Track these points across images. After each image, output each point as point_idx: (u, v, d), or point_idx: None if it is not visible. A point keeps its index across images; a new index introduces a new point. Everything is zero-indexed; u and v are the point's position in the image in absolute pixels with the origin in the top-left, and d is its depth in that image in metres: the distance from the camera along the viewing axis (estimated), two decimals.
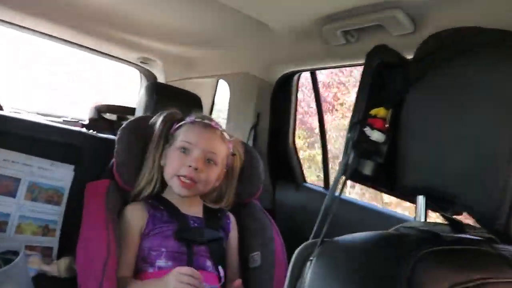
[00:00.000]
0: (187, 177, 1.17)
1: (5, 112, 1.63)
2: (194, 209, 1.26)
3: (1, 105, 1.82)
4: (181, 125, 1.27)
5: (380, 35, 1.20)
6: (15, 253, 1.08)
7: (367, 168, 0.69)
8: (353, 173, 0.67)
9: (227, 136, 1.29)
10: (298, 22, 1.35)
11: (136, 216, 1.19)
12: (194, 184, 1.18)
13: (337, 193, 0.67)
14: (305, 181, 1.87)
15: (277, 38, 1.52)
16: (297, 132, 1.93)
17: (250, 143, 1.88)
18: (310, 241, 0.64)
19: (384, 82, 0.70)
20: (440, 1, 1.05)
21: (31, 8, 1.84)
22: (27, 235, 1.31)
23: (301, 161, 1.91)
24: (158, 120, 1.30)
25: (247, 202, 1.40)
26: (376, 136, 0.67)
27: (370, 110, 0.69)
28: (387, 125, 0.67)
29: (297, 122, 1.90)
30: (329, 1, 1.19)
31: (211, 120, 1.29)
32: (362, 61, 1.42)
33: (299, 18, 1.32)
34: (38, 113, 2.34)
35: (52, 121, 1.74)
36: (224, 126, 1.35)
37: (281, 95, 1.84)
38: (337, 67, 1.56)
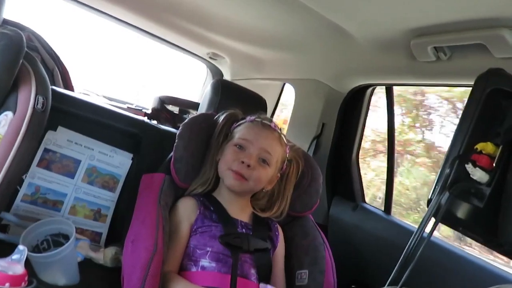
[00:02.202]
0: (238, 172, 1.17)
1: (75, 94, 1.67)
2: (243, 214, 1.24)
3: (73, 85, 1.87)
4: (240, 123, 1.27)
5: (479, 55, 1.08)
6: (66, 237, 1.08)
7: (462, 211, 0.58)
8: (444, 215, 0.57)
9: (285, 141, 1.26)
10: (384, 33, 1.26)
11: (188, 209, 1.19)
12: (245, 181, 1.17)
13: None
14: (364, 201, 1.75)
15: (357, 47, 1.43)
16: None
17: (311, 153, 1.80)
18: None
19: (495, 112, 0.59)
20: None
21: None
22: (79, 217, 1.32)
23: None
24: (220, 118, 1.30)
25: (301, 215, 1.33)
26: (479, 175, 0.57)
27: (474, 144, 0.58)
28: (494, 164, 0.57)
29: None
30: (422, 13, 1.09)
31: (271, 121, 1.27)
32: (451, 82, 1.31)
33: (386, 29, 1.23)
34: (105, 97, 2.41)
35: (117, 106, 1.76)
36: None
37: (352, 107, 1.74)
38: (420, 85, 1.43)
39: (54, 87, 1.31)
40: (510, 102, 0.59)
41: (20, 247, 0.84)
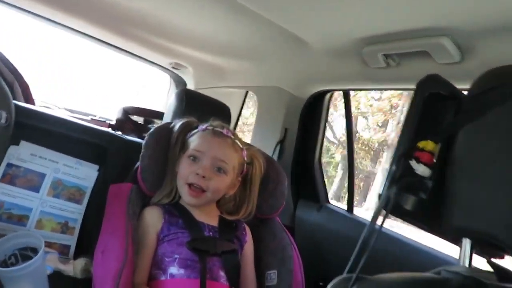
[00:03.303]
0: (195, 185, 1.16)
1: (37, 107, 1.65)
2: (210, 218, 1.24)
3: (33, 99, 1.84)
4: (193, 133, 1.27)
5: (424, 62, 1.16)
6: (34, 250, 1.07)
7: (409, 203, 0.65)
8: (393, 207, 0.64)
9: (240, 144, 1.27)
10: (338, 41, 1.33)
11: (154, 218, 1.18)
12: (202, 193, 1.17)
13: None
14: (328, 201, 1.82)
15: (314, 55, 1.50)
16: None
17: (275, 157, 1.85)
18: (344, 276, 0.60)
19: (434, 114, 0.66)
20: (491, 32, 1.01)
21: (70, 6, 1.87)
22: (46, 231, 1.30)
23: None
24: (175, 127, 1.30)
25: (268, 218, 1.37)
26: (422, 170, 0.63)
27: (417, 142, 0.65)
28: (434, 160, 0.64)
29: None
30: (372, 23, 1.16)
31: (223, 127, 1.26)
32: (400, 86, 1.41)
33: (339, 37, 1.30)
34: (66, 109, 2.37)
35: (80, 118, 1.75)
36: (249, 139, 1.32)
37: (312, 112, 1.81)
38: (373, 90, 1.52)
39: (15, 102, 1.29)
40: (446, 104, 0.67)
41: None
